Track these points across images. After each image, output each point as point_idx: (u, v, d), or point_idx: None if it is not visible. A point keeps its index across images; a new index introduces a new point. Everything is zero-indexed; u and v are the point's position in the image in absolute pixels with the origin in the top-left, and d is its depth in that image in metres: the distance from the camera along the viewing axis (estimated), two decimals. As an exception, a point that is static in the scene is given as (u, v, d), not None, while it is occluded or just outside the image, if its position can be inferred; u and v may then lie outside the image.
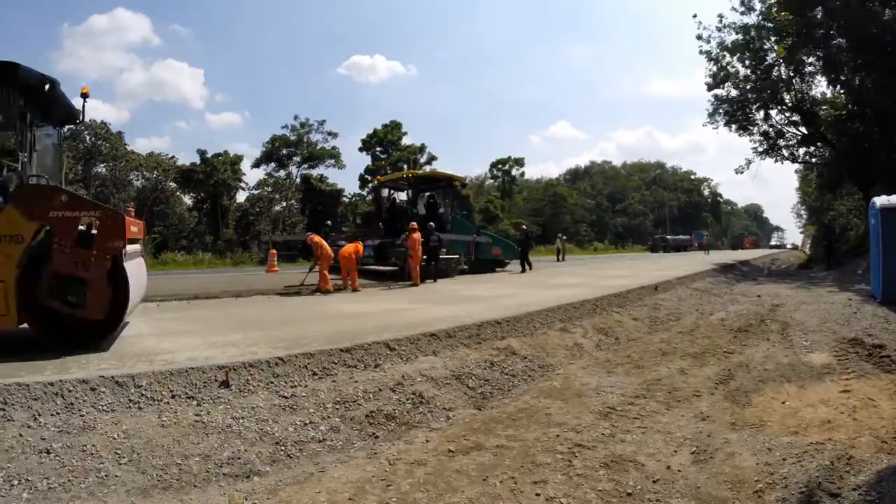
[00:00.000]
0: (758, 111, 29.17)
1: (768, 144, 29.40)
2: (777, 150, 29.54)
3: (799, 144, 29.57)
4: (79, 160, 46.95)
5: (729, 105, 29.35)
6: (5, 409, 4.66)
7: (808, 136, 28.62)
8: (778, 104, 28.56)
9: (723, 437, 4.90)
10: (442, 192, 21.83)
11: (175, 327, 8.31)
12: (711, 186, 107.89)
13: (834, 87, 26.20)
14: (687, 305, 13.51)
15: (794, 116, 28.71)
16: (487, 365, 7.19)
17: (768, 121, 29.36)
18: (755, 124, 29.54)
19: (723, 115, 29.74)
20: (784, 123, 29.43)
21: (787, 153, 29.90)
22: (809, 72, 27.01)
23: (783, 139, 29.56)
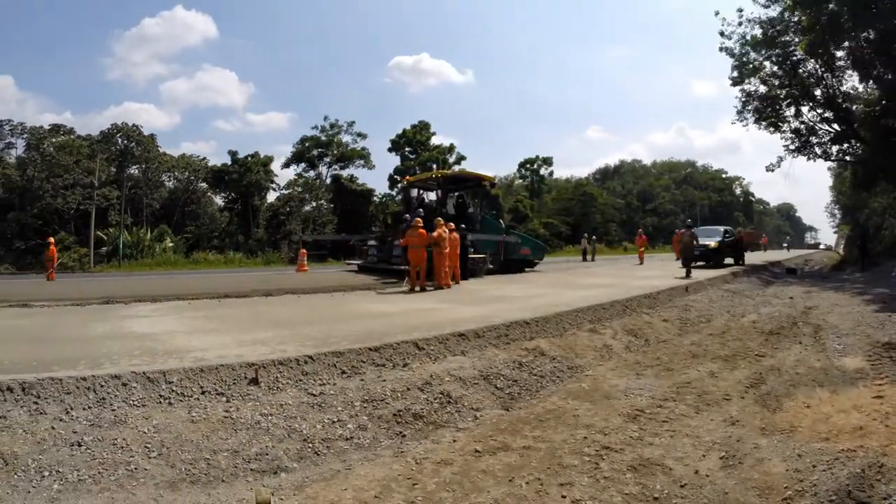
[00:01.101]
0: (788, 107, 28.31)
1: (800, 142, 28.40)
2: (809, 148, 28.50)
3: (832, 142, 28.52)
4: (112, 162, 47.94)
5: (758, 102, 28.50)
6: (38, 403, 4.79)
7: (840, 132, 27.66)
8: (809, 100, 27.62)
9: (752, 443, 4.81)
10: (471, 192, 21.80)
11: (206, 325, 8.44)
12: (743, 185, 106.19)
13: (865, 81, 25.41)
14: (718, 307, 13.30)
15: (827, 113, 27.73)
16: (516, 365, 7.16)
17: (799, 117, 28.41)
18: (786, 121, 28.63)
19: (752, 112, 28.88)
20: (816, 120, 28.43)
21: (820, 151, 28.85)
22: (840, 66, 26.04)
23: (815, 136, 28.52)
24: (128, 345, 6.72)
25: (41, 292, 13.22)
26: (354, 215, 52.59)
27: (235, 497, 3.94)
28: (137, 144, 49.82)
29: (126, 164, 49.64)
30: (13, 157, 48.37)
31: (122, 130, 49.26)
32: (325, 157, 56.43)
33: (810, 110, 28.14)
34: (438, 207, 20.60)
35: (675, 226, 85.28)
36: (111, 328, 8.19)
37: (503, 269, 20.39)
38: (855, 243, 33.56)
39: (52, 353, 6.16)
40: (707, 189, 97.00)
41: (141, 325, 8.54)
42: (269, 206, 55.32)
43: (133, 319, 9.15)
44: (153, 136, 51.56)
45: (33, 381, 4.99)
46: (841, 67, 26.01)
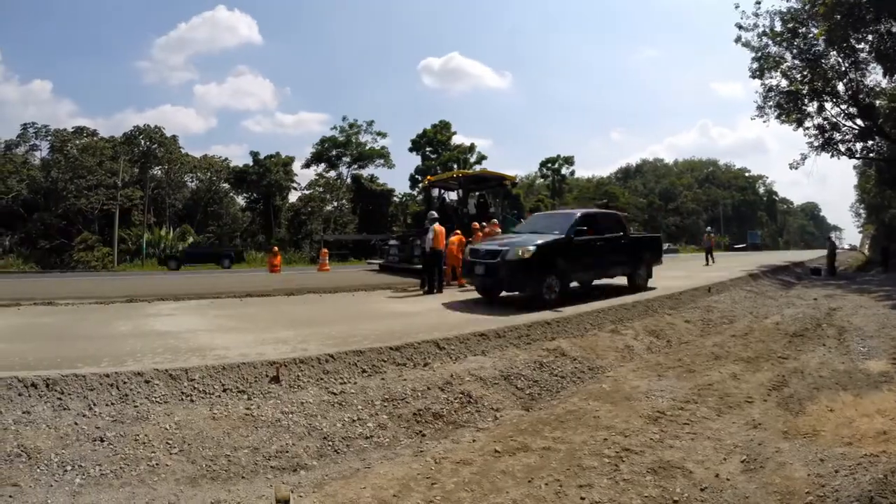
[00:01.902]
0: (810, 102, 27.42)
1: (823, 139, 27.62)
2: (833, 145, 27.71)
3: (856, 138, 27.80)
4: (134, 163, 48.54)
5: (780, 97, 27.63)
6: (62, 399, 4.87)
7: (864, 129, 26.90)
8: (831, 95, 26.85)
9: (774, 446, 4.72)
10: (492, 192, 21.78)
11: (228, 324, 8.52)
12: (767, 184, 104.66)
13: (889, 75, 24.61)
14: (741, 308, 13.13)
15: (850, 108, 26.97)
16: (536, 366, 7.13)
17: (822, 113, 27.56)
18: (808, 117, 27.77)
19: (773, 107, 27.99)
20: (839, 116, 27.63)
21: (844, 148, 28.07)
22: (863, 59, 25.27)
23: (839, 133, 27.74)
24: (150, 342, 6.80)
25: (65, 290, 13.39)
26: (374, 215, 52.84)
27: (255, 494, 3.97)
28: (160, 146, 50.40)
29: (149, 165, 50.22)
30: (38, 159, 49.33)
31: (144, 132, 49.87)
32: (343, 157, 56.69)
33: (833, 106, 27.42)
34: (459, 207, 20.73)
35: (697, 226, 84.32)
36: (134, 326, 8.30)
37: None
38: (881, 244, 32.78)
39: (76, 351, 6.26)
40: (730, 188, 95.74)
41: (164, 323, 8.64)
42: (290, 206, 55.74)
43: (156, 318, 9.26)
44: (175, 138, 52.15)
45: (57, 377, 5.07)
46: (864, 60, 25.31)
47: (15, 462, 4.09)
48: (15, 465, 4.06)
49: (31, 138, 49.35)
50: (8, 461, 4.09)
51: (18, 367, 5.44)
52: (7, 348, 6.51)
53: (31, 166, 47.59)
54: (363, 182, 54.98)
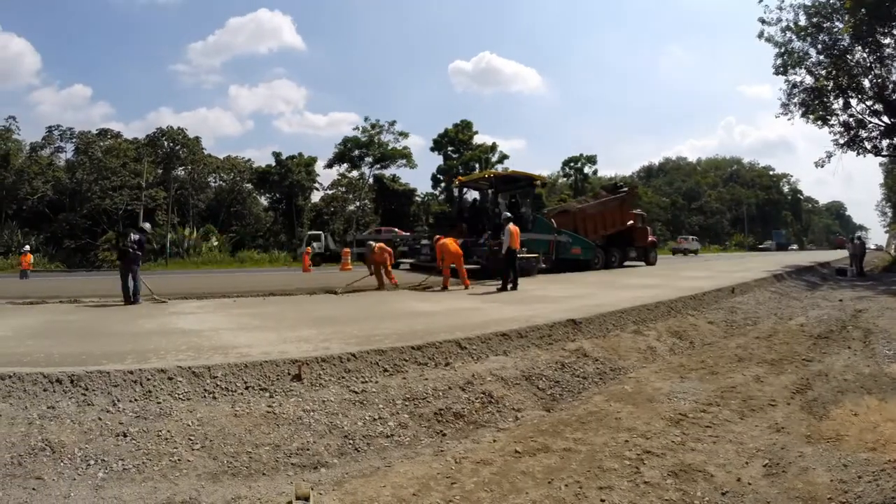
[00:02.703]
0: (836, 99, 26.84)
1: (849, 136, 26.98)
2: (858, 143, 27.04)
3: (882, 136, 26.94)
4: (158, 164, 49.16)
5: (804, 94, 27.07)
6: (86, 395, 4.96)
7: (891, 126, 26.17)
8: (857, 91, 26.21)
9: (797, 451, 4.64)
10: (522, 192, 21.72)
11: (250, 322, 8.59)
12: (791, 183, 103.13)
13: None
14: (765, 309, 12.97)
15: (876, 105, 26.29)
16: (558, 366, 7.09)
17: (848, 110, 26.96)
18: (834, 114, 27.17)
19: (798, 105, 27.40)
20: (865, 113, 26.94)
21: (870, 145, 27.29)
22: (889, 55, 24.63)
23: (864, 130, 27.06)
24: (174, 340, 6.89)
25: (90, 289, 13.60)
26: (397, 215, 52.98)
27: (275, 490, 3.99)
28: (183, 147, 50.98)
29: (172, 166, 50.83)
30: (63, 161, 50.20)
31: (167, 134, 50.49)
32: (366, 157, 56.92)
33: (859, 102, 26.81)
34: (490, 207, 20.89)
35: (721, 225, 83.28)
36: (158, 324, 8.40)
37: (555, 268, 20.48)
38: None
39: (101, 348, 6.36)
40: (754, 187, 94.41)
41: (187, 321, 8.74)
42: (312, 205, 56.13)
43: (179, 316, 9.37)
44: (198, 139, 52.70)
45: (82, 373, 5.17)
46: (891, 56, 24.73)
47: (39, 456, 4.16)
48: (39, 459, 4.13)
49: (57, 140, 50.27)
50: (32, 455, 4.16)
51: (44, 364, 5.55)
52: (33, 345, 6.64)
53: (56, 168, 48.47)
54: (385, 182, 55.17)
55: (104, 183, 44.54)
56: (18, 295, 13.30)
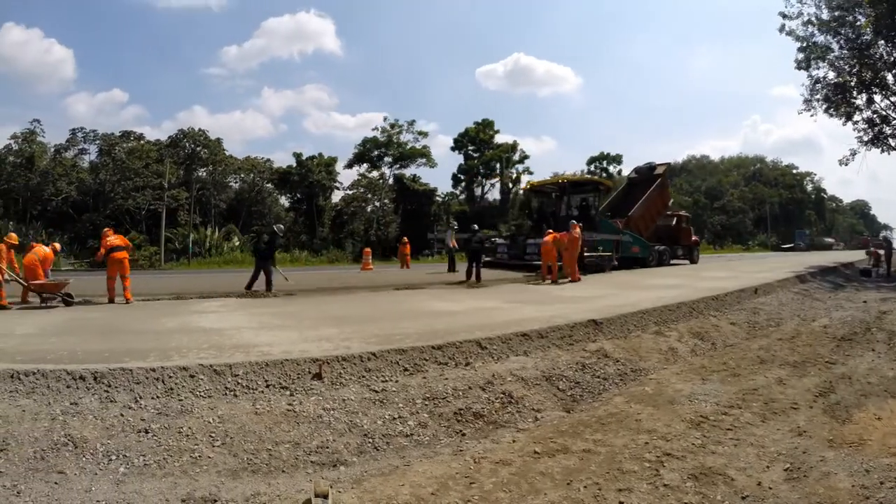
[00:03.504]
0: (859, 95, 26.01)
1: (873, 133, 26.10)
2: (883, 139, 26.15)
3: None
4: (180, 165, 49.71)
5: (827, 89, 26.28)
6: (109, 391, 5.06)
7: None
8: (880, 87, 25.38)
9: (819, 455, 4.56)
10: (588, 195, 23.60)
11: (272, 321, 8.65)
12: (815, 181, 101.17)
13: None
14: (788, 310, 12.79)
15: None
16: (578, 367, 7.05)
17: (871, 106, 26.06)
18: (858, 110, 26.30)
19: (820, 101, 26.61)
20: (889, 109, 26.04)
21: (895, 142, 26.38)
22: None
23: (889, 126, 26.11)
24: (196, 339, 6.97)
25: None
26: (417, 215, 53.02)
27: (295, 488, 4.01)
28: (204, 148, 51.49)
29: (194, 166, 51.35)
30: (86, 162, 51.03)
31: (188, 135, 51.08)
32: (385, 157, 57.08)
33: (883, 98, 25.99)
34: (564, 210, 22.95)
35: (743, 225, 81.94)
36: (180, 323, 8.49)
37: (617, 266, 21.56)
38: None
39: (124, 345, 6.46)
40: (777, 186, 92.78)
41: (209, 320, 8.83)
42: (333, 206, 56.39)
43: (201, 315, 9.46)
44: (219, 140, 53.20)
45: (105, 370, 5.26)
46: None
47: (62, 451, 4.24)
48: (61, 454, 4.21)
49: (80, 142, 51.07)
50: (55, 450, 4.24)
51: (67, 361, 5.65)
52: (57, 342, 6.76)
53: (80, 169, 49.26)
54: (405, 182, 55.24)
55: (127, 184, 45.16)
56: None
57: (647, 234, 24.53)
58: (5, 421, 4.56)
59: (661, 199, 26.05)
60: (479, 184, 62.18)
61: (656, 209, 25.69)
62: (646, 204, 24.79)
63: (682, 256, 28.42)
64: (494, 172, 61.00)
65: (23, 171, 46.16)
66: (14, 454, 4.16)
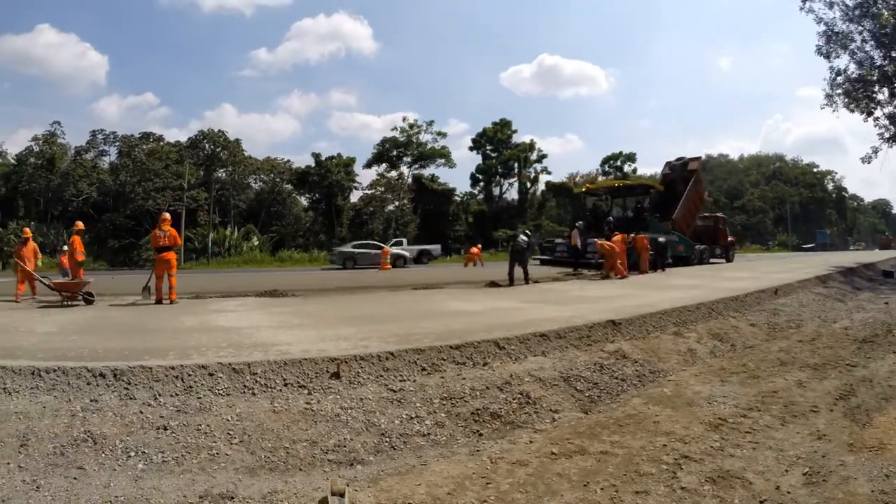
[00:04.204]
0: (881, 89, 25.23)
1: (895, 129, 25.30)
2: None
3: None
4: (199, 166, 50.19)
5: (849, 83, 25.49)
6: (129, 389, 5.12)
7: None
8: None
9: (838, 459, 4.48)
10: (641, 198, 25.33)
11: (290, 320, 8.70)
12: (836, 180, 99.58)
13: None
14: (809, 311, 12.63)
15: None
16: (597, 368, 7.00)
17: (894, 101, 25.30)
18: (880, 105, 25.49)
19: (841, 95, 25.79)
20: None
21: None
22: None
23: None
24: (215, 337, 7.03)
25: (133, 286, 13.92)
26: (435, 214, 53.20)
27: (311, 486, 4.02)
28: (223, 149, 51.94)
29: (213, 167, 51.82)
30: (106, 164, 51.75)
31: (208, 136, 51.56)
32: (404, 157, 57.28)
33: None
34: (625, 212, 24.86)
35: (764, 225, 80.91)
36: (200, 321, 8.58)
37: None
38: None
39: (143, 344, 6.54)
40: (797, 185, 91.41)
41: (228, 319, 8.91)
42: (352, 205, 56.71)
43: (221, 314, 9.55)
44: (238, 141, 53.66)
45: (124, 368, 5.33)
46: None
47: (81, 446, 4.30)
48: (81, 450, 4.27)
49: (100, 144, 51.86)
50: (74, 445, 4.30)
51: (88, 358, 5.73)
52: (78, 340, 6.86)
53: (100, 170, 50.00)
54: (424, 182, 55.42)
55: (147, 184, 45.70)
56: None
57: (688, 233, 25.72)
58: (26, 417, 4.63)
59: (697, 196, 27.34)
60: (497, 183, 62.28)
61: (695, 206, 27.05)
62: (686, 204, 25.86)
63: (720, 255, 29.86)
64: (512, 172, 61.07)
65: (44, 173, 47.01)
66: (34, 450, 4.23)
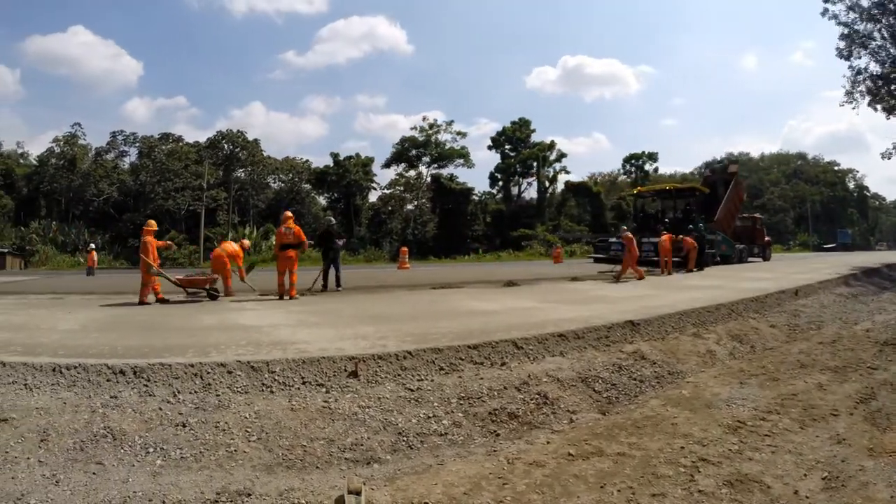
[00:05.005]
0: None
1: None
2: None
3: None
4: (219, 166, 50.65)
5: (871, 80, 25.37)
6: (148, 386, 5.19)
7: None
8: None
9: (858, 464, 4.41)
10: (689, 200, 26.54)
11: (309, 319, 8.75)
12: (857, 179, 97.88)
13: None
14: (829, 313, 12.46)
15: None
16: (615, 368, 6.96)
17: None
18: None
19: (863, 93, 25.81)
20: None
21: None
22: None
23: None
24: (234, 335, 7.09)
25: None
26: (454, 214, 53.27)
27: (328, 484, 4.04)
28: (242, 149, 52.36)
29: (232, 167, 52.27)
30: (127, 164, 52.43)
31: (227, 136, 52.01)
32: (423, 156, 57.39)
33: None
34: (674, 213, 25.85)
35: (784, 224, 79.80)
36: (219, 320, 8.66)
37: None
38: None
39: (163, 341, 6.62)
40: (818, 183, 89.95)
41: (247, 317, 8.98)
42: (370, 205, 56.97)
43: (240, 312, 9.63)
44: (257, 141, 54.10)
45: (144, 365, 5.41)
46: None
47: (100, 442, 4.36)
48: (100, 445, 4.33)
49: (120, 145, 52.56)
50: (94, 441, 4.36)
51: (108, 356, 5.82)
52: (98, 337, 6.97)
53: (121, 171, 50.67)
54: (443, 181, 55.48)
55: (167, 184, 46.28)
56: (84, 290, 13.95)
57: (728, 232, 26.84)
58: (46, 412, 4.71)
59: (738, 198, 28.91)
60: (515, 183, 62.19)
61: (735, 208, 28.48)
62: (727, 205, 27.06)
63: (757, 254, 31.77)
64: (531, 171, 60.89)
65: (65, 173, 47.72)
66: (54, 445, 4.29)
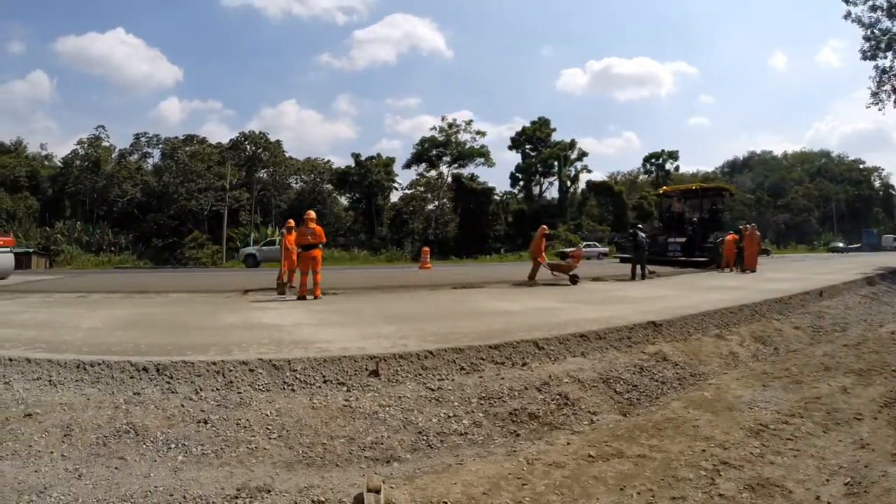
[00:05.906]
0: None
1: None
2: None
3: None
4: (241, 167, 51.15)
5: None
6: (171, 383, 5.26)
7: None
8: None
9: (881, 470, 4.32)
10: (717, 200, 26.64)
11: (331, 318, 8.80)
12: (883, 177, 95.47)
13: None
14: (855, 315, 12.24)
15: None
16: (636, 370, 6.90)
17: None
18: None
19: (889, 92, 25.28)
20: None
21: None
22: None
23: None
24: (256, 334, 7.16)
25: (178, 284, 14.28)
26: (475, 214, 53.28)
27: (348, 482, 4.06)
28: (265, 150, 52.82)
29: (255, 168, 52.75)
30: (150, 166, 53.20)
31: (249, 138, 52.52)
32: (444, 156, 57.46)
33: None
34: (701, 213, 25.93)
35: (808, 224, 78.40)
36: (241, 318, 8.74)
37: None
38: None
39: (186, 339, 6.70)
40: (843, 182, 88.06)
41: (269, 316, 9.05)
42: (392, 205, 57.19)
43: (262, 311, 9.72)
44: (279, 142, 54.58)
45: (167, 363, 5.49)
46: None
47: (123, 438, 4.44)
48: (123, 441, 4.40)
49: (144, 146, 53.33)
50: (117, 436, 4.44)
51: (131, 353, 5.91)
52: (122, 335, 7.07)
53: (144, 172, 51.42)
54: (464, 181, 55.49)
55: (190, 185, 46.79)
56: (109, 289, 14.20)
57: None
58: (70, 408, 4.80)
59: None
60: (536, 182, 62.01)
61: None
62: None
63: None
64: (552, 171, 60.67)
65: (89, 175, 48.50)
66: (77, 440, 4.38)
